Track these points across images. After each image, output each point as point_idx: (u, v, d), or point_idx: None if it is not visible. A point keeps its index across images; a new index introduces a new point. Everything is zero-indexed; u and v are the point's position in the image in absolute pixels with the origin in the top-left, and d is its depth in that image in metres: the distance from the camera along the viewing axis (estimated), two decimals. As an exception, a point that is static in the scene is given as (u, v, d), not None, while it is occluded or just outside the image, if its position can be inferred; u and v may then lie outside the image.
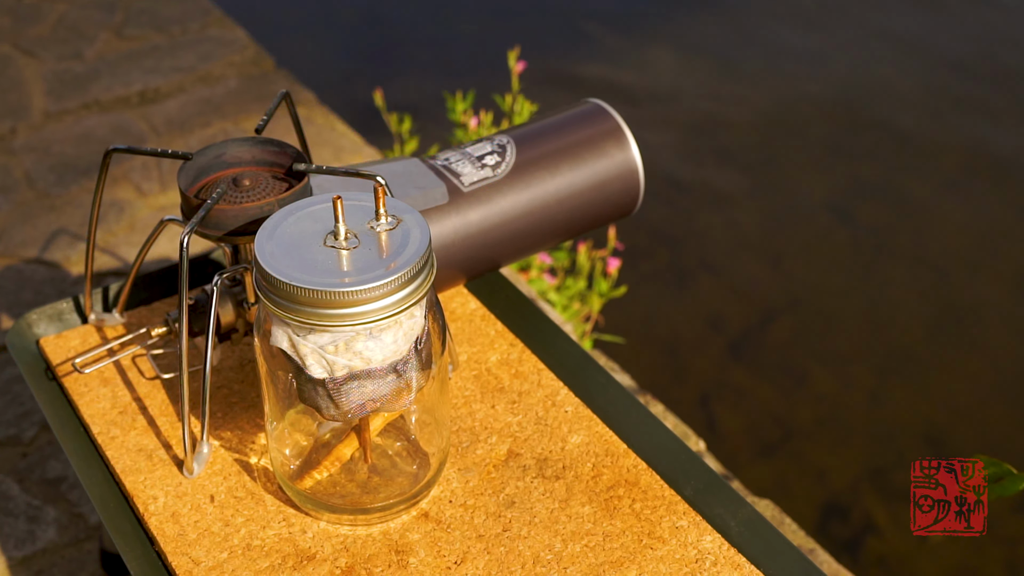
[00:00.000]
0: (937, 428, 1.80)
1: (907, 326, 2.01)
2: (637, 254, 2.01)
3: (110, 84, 1.76)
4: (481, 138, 0.75)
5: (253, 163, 0.62)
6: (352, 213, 0.51)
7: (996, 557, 1.58)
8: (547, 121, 0.78)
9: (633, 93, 2.65)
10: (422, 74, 2.71)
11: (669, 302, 2.05)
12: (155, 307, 0.74)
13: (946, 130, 2.54)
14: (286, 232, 0.51)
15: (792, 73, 2.76)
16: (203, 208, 0.56)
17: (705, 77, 2.77)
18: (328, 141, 1.61)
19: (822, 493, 1.68)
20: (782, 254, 2.18)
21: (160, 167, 1.54)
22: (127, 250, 1.38)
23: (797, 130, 2.55)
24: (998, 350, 1.95)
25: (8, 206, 1.49)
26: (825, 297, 2.08)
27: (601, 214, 0.78)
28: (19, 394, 1.18)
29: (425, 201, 0.69)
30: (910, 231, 2.23)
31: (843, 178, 2.40)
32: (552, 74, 2.67)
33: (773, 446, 1.76)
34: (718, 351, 1.94)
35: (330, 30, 2.95)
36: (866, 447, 1.76)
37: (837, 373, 1.90)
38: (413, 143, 1.78)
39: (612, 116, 0.77)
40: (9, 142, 1.63)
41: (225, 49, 1.87)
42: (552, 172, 0.74)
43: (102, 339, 0.72)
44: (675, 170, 2.38)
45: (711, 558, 0.53)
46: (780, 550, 0.54)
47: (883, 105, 2.64)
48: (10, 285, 1.33)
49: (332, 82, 2.54)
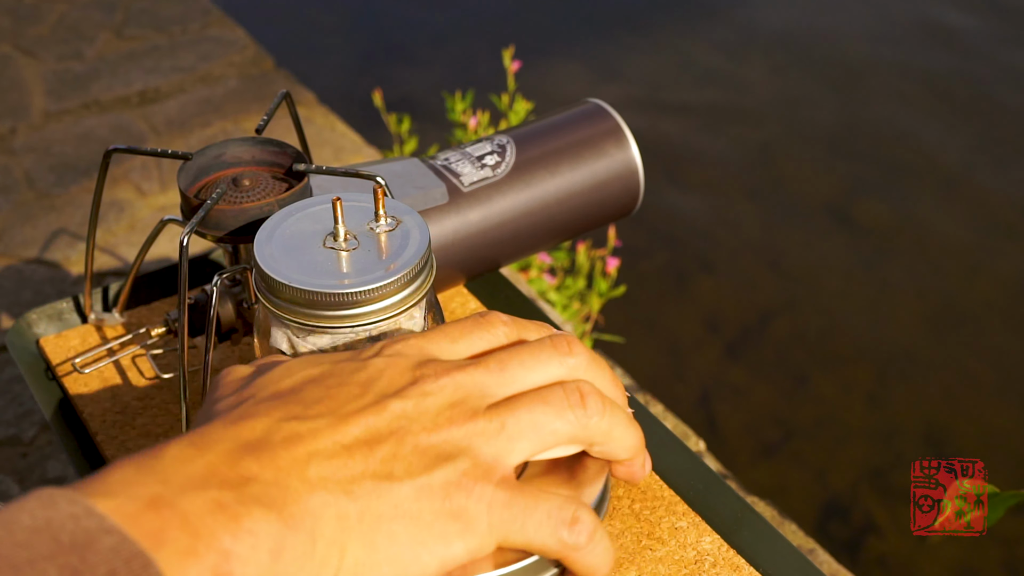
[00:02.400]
0: (937, 428, 1.80)
1: (907, 326, 2.01)
2: (637, 254, 2.01)
3: (110, 84, 1.76)
4: (481, 138, 0.75)
5: (253, 163, 0.62)
6: (351, 214, 0.51)
7: (996, 557, 1.58)
8: (547, 121, 0.78)
9: (633, 93, 2.66)
10: (422, 74, 2.71)
11: (669, 302, 2.06)
12: (155, 307, 0.74)
13: (946, 129, 2.54)
14: (285, 233, 0.51)
15: (793, 72, 2.77)
16: (203, 208, 0.56)
17: (705, 76, 2.77)
18: (328, 141, 1.61)
19: (822, 493, 1.69)
20: (782, 254, 2.18)
21: (160, 167, 1.54)
22: (127, 250, 1.38)
23: (797, 130, 2.55)
24: (998, 350, 1.95)
25: (8, 206, 1.49)
26: (825, 297, 2.08)
27: (601, 214, 0.78)
28: (19, 394, 1.18)
29: (425, 201, 0.69)
30: (910, 231, 2.24)
31: (843, 178, 2.40)
32: (551, 73, 2.67)
33: (773, 446, 1.76)
34: (718, 351, 1.94)
35: (330, 30, 2.95)
36: (866, 447, 1.76)
37: (837, 373, 1.90)
38: (413, 143, 1.78)
39: (612, 116, 0.77)
40: (9, 142, 1.63)
41: (225, 49, 1.87)
42: (552, 172, 0.74)
43: (102, 339, 0.72)
44: (675, 170, 2.38)
45: (710, 559, 0.53)
46: (780, 550, 0.54)
47: (883, 105, 2.64)
48: (10, 285, 1.33)
49: (332, 82, 2.54)
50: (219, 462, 0.34)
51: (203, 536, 0.32)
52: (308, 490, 0.35)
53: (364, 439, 0.36)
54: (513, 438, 0.38)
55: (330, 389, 0.38)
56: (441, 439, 0.37)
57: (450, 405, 0.38)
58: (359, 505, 0.35)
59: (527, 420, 0.38)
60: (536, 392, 0.39)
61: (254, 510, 0.33)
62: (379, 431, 0.36)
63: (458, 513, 0.36)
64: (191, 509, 0.32)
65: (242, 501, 0.33)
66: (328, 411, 0.37)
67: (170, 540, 0.31)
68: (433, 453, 0.36)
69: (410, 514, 0.35)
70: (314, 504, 0.34)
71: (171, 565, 0.31)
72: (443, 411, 0.37)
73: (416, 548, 0.35)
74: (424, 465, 0.36)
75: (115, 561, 0.30)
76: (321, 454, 0.35)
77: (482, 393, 0.39)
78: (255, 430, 0.36)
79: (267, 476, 0.34)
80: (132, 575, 0.30)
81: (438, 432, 0.37)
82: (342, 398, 0.37)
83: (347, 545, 0.35)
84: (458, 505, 0.36)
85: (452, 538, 0.36)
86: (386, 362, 0.39)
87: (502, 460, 0.38)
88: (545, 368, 0.40)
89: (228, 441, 0.35)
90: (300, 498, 0.34)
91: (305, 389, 0.38)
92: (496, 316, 0.43)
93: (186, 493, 0.33)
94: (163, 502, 0.32)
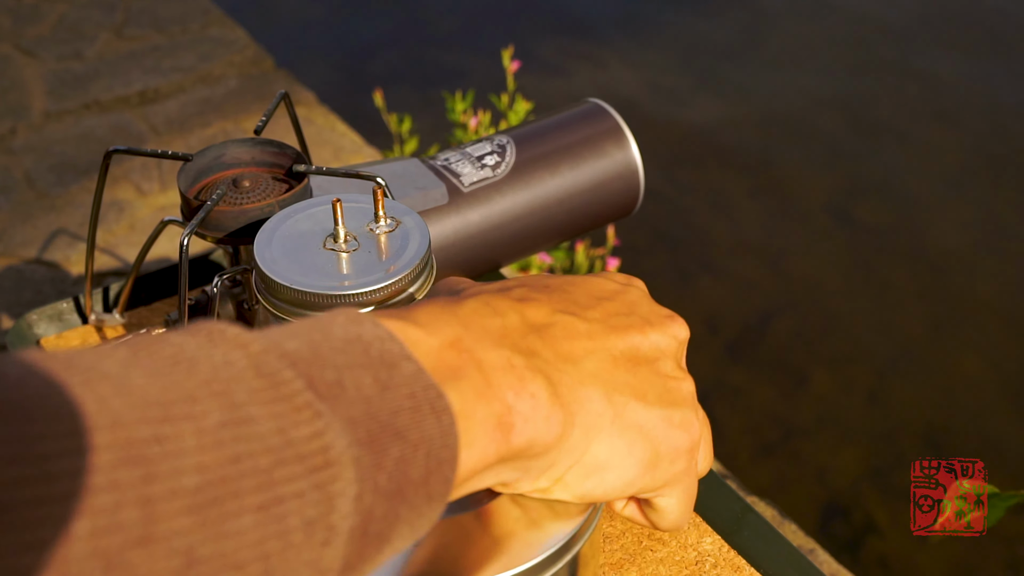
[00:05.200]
0: (937, 428, 1.80)
1: (907, 326, 2.01)
2: (637, 254, 2.01)
3: (110, 84, 1.76)
4: (481, 138, 0.75)
5: (253, 164, 0.62)
6: (351, 215, 0.51)
7: (996, 557, 1.58)
8: (547, 121, 0.78)
9: (633, 93, 2.66)
10: (421, 74, 2.71)
11: (669, 302, 2.05)
12: (155, 307, 0.74)
13: (946, 128, 2.54)
14: (286, 234, 0.51)
15: (792, 71, 2.77)
16: (203, 209, 0.56)
17: (704, 76, 2.77)
18: (328, 141, 1.61)
19: (822, 493, 1.69)
20: (782, 254, 2.18)
21: (160, 167, 1.54)
22: (127, 250, 1.38)
23: (797, 130, 2.55)
24: (998, 350, 1.95)
25: (8, 206, 1.49)
26: (825, 297, 2.08)
27: (601, 214, 0.78)
28: (19, 394, 1.18)
29: (425, 202, 0.69)
30: (910, 231, 2.24)
31: (843, 178, 2.40)
32: (550, 73, 2.67)
33: (773, 446, 1.76)
34: (718, 351, 1.94)
35: (330, 30, 2.95)
36: (866, 447, 1.76)
37: (837, 373, 1.90)
38: (413, 143, 1.78)
39: (612, 116, 0.77)
40: (9, 142, 1.63)
41: (225, 49, 1.87)
42: (552, 172, 0.74)
43: (102, 339, 0.72)
44: (675, 170, 2.38)
45: (711, 560, 0.53)
46: (780, 551, 0.54)
47: (884, 104, 2.64)
48: (10, 285, 1.33)
49: (332, 82, 2.54)
50: (512, 328, 0.38)
51: (493, 385, 0.35)
52: (580, 380, 0.38)
53: (629, 355, 0.40)
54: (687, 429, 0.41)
55: (599, 300, 0.41)
56: (678, 383, 0.41)
57: (682, 355, 0.42)
58: (615, 410, 0.38)
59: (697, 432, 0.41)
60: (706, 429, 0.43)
61: (538, 378, 0.36)
62: (641, 353, 0.40)
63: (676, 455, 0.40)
64: (486, 359, 0.35)
65: (529, 367, 0.36)
66: (600, 318, 0.40)
67: (466, 378, 0.34)
68: (676, 391, 0.40)
69: (650, 436, 0.39)
70: (583, 394, 0.38)
71: (464, 401, 0.34)
72: (680, 358, 0.42)
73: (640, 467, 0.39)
74: (670, 400, 0.40)
75: (415, 385, 0.32)
76: (596, 354, 0.39)
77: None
78: (539, 313, 0.39)
79: (548, 355, 0.38)
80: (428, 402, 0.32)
81: (679, 377, 0.41)
82: (611, 310, 0.41)
83: (593, 442, 0.38)
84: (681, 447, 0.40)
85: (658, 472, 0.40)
86: (640, 294, 0.44)
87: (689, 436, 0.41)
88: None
89: (517, 314, 0.38)
90: (574, 384, 0.38)
91: (573, 292, 0.41)
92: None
93: (483, 343, 0.36)
94: (463, 345, 0.35)
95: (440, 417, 0.32)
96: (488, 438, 0.34)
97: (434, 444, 0.32)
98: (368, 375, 0.31)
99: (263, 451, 0.27)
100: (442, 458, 0.32)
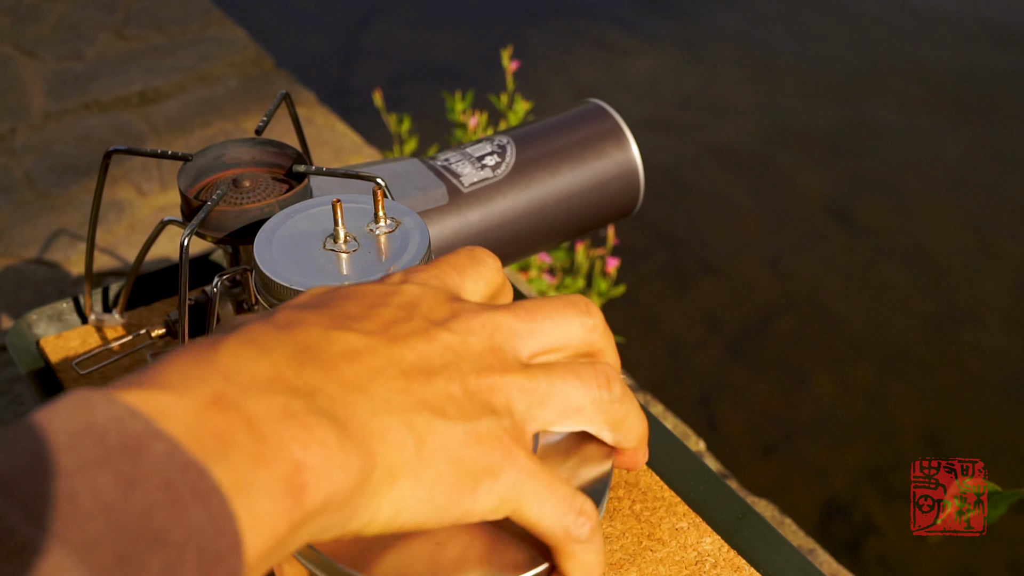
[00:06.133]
0: (937, 428, 1.80)
1: (907, 326, 2.01)
2: (637, 254, 2.01)
3: (110, 84, 1.76)
4: (481, 138, 0.75)
5: (253, 164, 0.62)
6: (351, 215, 0.51)
7: (996, 557, 1.58)
8: (547, 121, 0.78)
9: (633, 93, 2.66)
10: (421, 74, 2.71)
11: (669, 302, 2.06)
12: (155, 307, 0.74)
13: (946, 129, 2.54)
14: (286, 234, 0.51)
15: (792, 71, 2.77)
16: (203, 210, 0.56)
17: (704, 76, 2.77)
18: (328, 141, 1.61)
19: (822, 493, 1.69)
20: (782, 254, 2.18)
21: (160, 167, 1.54)
22: (127, 250, 1.38)
23: (797, 130, 2.55)
24: (998, 350, 1.95)
25: (8, 206, 1.49)
26: (825, 297, 2.08)
27: (601, 214, 0.78)
28: (19, 394, 1.18)
29: (425, 202, 0.69)
30: (910, 231, 2.24)
31: (843, 178, 2.40)
32: (549, 73, 2.67)
33: (773, 446, 1.76)
34: (718, 351, 1.94)
35: (330, 30, 2.95)
36: (866, 447, 1.76)
37: (837, 373, 1.90)
38: (413, 143, 1.78)
39: (612, 116, 0.77)
40: (9, 142, 1.63)
41: (225, 49, 1.87)
42: (552, 172, 0.75)
43: (102, 340, 0.72)
44: (675, 170, 2.38)
45: (711, 560, 0.53)
46: (780, 551, 0.54)
47: (884, 104, 2.64)
48: (10, 285, 1.33)
49: (332, 82, 2.54)
50: (284, 365, 0.32)
51: (272, 443, 0.29)
52: (373, 411, 0.32)
53: (420, 367, 0.34)
54: (543, 403, 0.37)
55: (372, 308, 0.36)
56: (486, 385, 0.35)
57: (491, 349, 0.36)
58: (416, 436, 0.33)
59: (560, 389, 0.37)
60: (569, 364, 0.38)
61: (324, 421, 0.30)
62: (433, 361, 0.35)
63: (493, 470, 0.34)
64: (258, 412, 0.30)
65: (312, 410, 0.31)
66: (378, 329, 0.35)
67: (237, 444, 0.28)
68: (480, 400, 0.35)
69: (456, 458, 0.34)
70: (378, 426, 0.32)
71: (236, 473, 0.28)
72: (485, 354, 0.36)
73: (451, 494, 0.34)
74: (474, 411, 0.34)
75: (169, 470, 0.26)
76: (383, 374, 0.33)
77: (514, 341, 0.37)
78: (310, 335, 0.33)
79: (331, 389, 0.32)
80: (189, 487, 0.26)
81: (484, 377, 0.35)
82: (387, 318, 0.35)
83: (398, 476, 0.33)
84: (495, 461, 0.34)
85: (480, 493, 0.34)
86: (420, 289, 0.37)
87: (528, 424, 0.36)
88: (568, 324, 0.39)
89: (287, 344, 0.33)
90: (366, 418, 0.32)
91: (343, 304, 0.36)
92: (482, 249, 0.42)
93: (251, 393, 0.30)
94: (226, 402, 0.29)
95: (207, 502, 0.27)
96: (277, 508, 0.29)
97: (205, 536, 0.26)
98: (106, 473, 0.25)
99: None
100: (220, 550, 0.27)
